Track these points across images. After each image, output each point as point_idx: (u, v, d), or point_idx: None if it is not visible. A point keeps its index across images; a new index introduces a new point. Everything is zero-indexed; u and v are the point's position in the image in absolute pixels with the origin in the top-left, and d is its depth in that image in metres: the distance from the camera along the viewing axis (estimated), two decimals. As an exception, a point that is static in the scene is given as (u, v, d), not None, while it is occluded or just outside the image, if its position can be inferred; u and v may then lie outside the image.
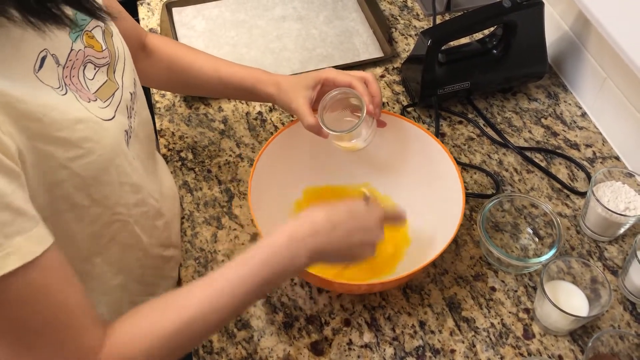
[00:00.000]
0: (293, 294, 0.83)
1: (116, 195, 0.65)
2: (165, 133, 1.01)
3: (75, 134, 0.57)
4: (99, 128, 0.60)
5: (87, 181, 0.60)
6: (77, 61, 0.61)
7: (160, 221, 0.76)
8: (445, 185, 0.82)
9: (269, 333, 0.79)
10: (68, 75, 0.59)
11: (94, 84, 0.63)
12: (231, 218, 0.90)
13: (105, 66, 0.65)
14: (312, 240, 0.64)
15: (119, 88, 0.66)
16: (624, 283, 0.82)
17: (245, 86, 0.85)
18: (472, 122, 1.03)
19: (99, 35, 0.65)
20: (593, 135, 1.01)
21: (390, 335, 0.79)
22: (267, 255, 0.62)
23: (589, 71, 1.02)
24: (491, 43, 1.03)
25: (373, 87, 0.80)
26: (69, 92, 0.58)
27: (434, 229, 0.81)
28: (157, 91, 1.08)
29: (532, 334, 0.79)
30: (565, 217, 0.91)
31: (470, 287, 0.84)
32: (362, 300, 0.82)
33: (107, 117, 0.62)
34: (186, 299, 0.59)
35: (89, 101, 0.60)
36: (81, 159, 0.58)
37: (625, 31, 0.80)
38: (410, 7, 1.24)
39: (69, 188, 0.59)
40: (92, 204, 0.63)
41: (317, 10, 1.22)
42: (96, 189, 0.62)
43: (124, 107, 0.67)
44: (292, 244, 0.63)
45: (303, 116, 0.79)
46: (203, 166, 0.97)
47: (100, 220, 0.65)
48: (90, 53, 0.63)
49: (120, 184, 0.65)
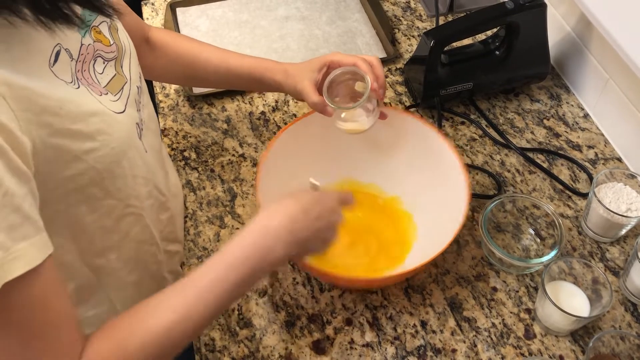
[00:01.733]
0: (295, 293, 0.83)
1: (129, 187, 0.66)
2: (168, 132, 1.02)
3: (90, 126, 0.57)
4: (112, 121, 0.60)
5: (101, 174, 0.60)
6: (87, 55, 0.62)
7: (165, 215, 0.76)
8: (451, 183, 0.82)
9: (271, 331, 0.79)
10: (80, 70, 0.60)
11: (104, 78, 0.63)
12: (234, 217, 0.91)
13: (114, 60, 0.66)
14: (287, 232, 0.64)
15: (127, 82, 0.67)
16: (625, 284, 0.82)
17: (254, 76, 0.86)
18: (475, 122, 1.03)
19: (105, 31, 0.66)
20: (595, 137, 1.02)
21: (391, 335, 0.79)
22: (243, 253, 0.62)
23: (592, 72, 1.03)
24: (494, 44, 1.04)
25: (377, 69, 0.80)
26: (82, 86, 0.59)
27: (440, 226, 0.81)
28: (160, 91, 1.09)
29: (533, 334, 0.79)
30: (567, 218, 0.91)
31: (471, 287, 0.84)
32: (363, 299, 0.82)
33: (119, 110, 0.63)
34: (161, 308, 0.59)
35: (101, 94, 0.61)
36: (96, 152, 0.59)
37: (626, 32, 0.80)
38: (413, 8, 1.24)
39: (83, 180, 0.59)
40: (106, 196, 0.63)
41: (320, 11, 1.23)
42: (110, 181, 0.62)
43: (133, 101, 0.67)
44: (267, 238, 0.63)
45: (308, 95, 0.80)
46: (206, 165, 0.97)
47: (114, 212, 0.66)
48: (100, 47, 0.64)
49: (133, 176, 0.66)
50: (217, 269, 0.61)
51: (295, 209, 0.66)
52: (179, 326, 0.59)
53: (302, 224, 0.65)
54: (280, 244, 0.64)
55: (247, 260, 0.62)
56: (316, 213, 0.67)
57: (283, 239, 0.64)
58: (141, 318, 0.59)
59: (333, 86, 0.80)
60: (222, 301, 0.61)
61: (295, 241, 0.65)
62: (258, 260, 0.63)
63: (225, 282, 0.61)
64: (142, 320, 0.58)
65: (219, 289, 0.60)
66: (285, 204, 0.66)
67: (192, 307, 0.59)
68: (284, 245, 0.64)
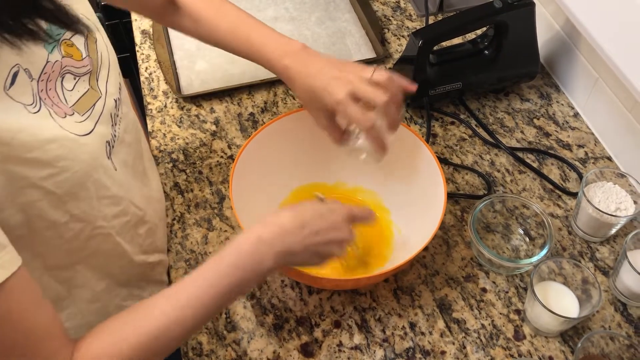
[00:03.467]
0: (283, 296, 0.82)
1: (95, 209, 0.64)
2: (156, 135, 1.01)
3: (48, 153, 0.55)
4: (73, 145, 0.58)
5: (62, 198, 0.59)
6: (53, 73, 0.59)
7: (143, 229, 0.75)
8: (429, 184, 0.82)
9: (258, 335, 0.79)
10: (44, 89, 0.57)
11: (74, 95, 0.61)
12: (222, 219, 0.90)
13: (87, 75, 0.63)
14: (279, 243, 0.63)
15: (102, 97, 0.64)
16: (615, 284, 0.82)
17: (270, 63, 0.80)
18: (464, 122, 1.03)
19: (80, 43, 0.63)
20: (585, 136, 1.01)
21: (380, 337, 0.79)
22: (234, 262, 0.62)
23: (581, 71, 1.02)
24: (483, 43, 1.03)
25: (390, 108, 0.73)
26: (43, 107, 0.56)
27: (420, 228, 0.80)
28: (148, 92, 1.08)
29: (523, 335, 0.79)
30: (556, 217, 0.91)
31: (461, 288, 0.83)
32: (352, 301, 0.82)
33: (83, 132, 0.60)
34: (151, 313, 0.59)
35: (65, 116, 0.58)
36: (55, 177, 0.57)
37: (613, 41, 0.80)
38: (403, 7, 1.24)
39: (43, 206, 0.58)
40: (70, 220, 0.62)
41: (310, 11, 1.22)
42: (74, 204, 0.61)
43: (108, 116, 0.65)
44: (259, 248, 0.62)
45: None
46: (194, 168, 0.97)
47: (81, 235, 0.65)
48: (69, 63, 0.61)
49: (98, 198, 0.64)
50: (208, 276, 0.61)
51: (291, 221, 0.65)
52: (170, 330, 0.58)
53: (295, 237, 0.65)
54: (271, 255, 0.63)
55: (238, 269, 0.62)
56: (316, 227, 0.66)
57: (274, 251, 0.63)
58: (133, 321, 0.59)
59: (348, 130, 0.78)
60: (211, 308, 0.61)
61: (286, 252, 0.64)
62: (248, 270, 0.62)
63: (215, 289, 0.61)
64: (134, 323, 0.58)
65: (208, 296, 0.60)
66: (282, 215, 0.66)
67: (183, 312, 0.59)
68: (274, 256, 0.63)
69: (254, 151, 0.83)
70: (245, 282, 0.63)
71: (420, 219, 0.81)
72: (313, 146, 0.87)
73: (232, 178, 0.78)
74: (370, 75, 0.73)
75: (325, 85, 0.73)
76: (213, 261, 0.62)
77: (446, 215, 0.91)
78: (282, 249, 0.64)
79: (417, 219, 0.83)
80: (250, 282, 0.64)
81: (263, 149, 0.84)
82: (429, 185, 0.81)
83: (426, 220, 0.78)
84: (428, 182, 0.82)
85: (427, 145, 0.82)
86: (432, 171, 0.81)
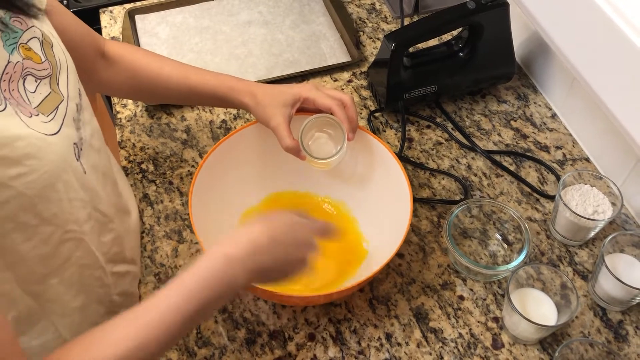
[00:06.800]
0: (256, 309, 0.80)
1: (66, 212, 0.62)
2: (126, 144, 0.99)
3: (16, 151, 0.54)
4: (42, 144, 0.57)
5: (32, 200, 0.57)
6: (15, 74, 0.58)
7: (108, 237, 0.73)
8: (395, 193, 0.80)
9: (230, 350, 0.76)
10: (7, 89, 0.57)
11: (36, 97, 0.60)
12: (192, 231, 0.88)
13: (48, 78, 0.63)
14: (251, 260, 0.60)
15: (64, 100, 0.64)
16: (594, 288, 0.80)
17: (218, 95, 0.83)
18: (440, 126, 1.01)
19: (36, 47, 0.62)
20: (563, 137, 1.00)
21: (355, 349, 0.77)
22: (202, 282, 0.58)
23: (558, 72, 1.01)
24: (458, 45, 1.02)
25: (350, 110, 0.79)
26: (9, 106, 0.55)
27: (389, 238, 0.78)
28: (118, 101, 1.05)
29: (501, 344, 0.77)
30: (535, 221, 0.89)
31: (438, 296, 0.81)
32: (327, 313, 0.80)
33: (51, 132, 0.59)
34: (114, 336, 0.55)
35: (31, 116, 0.58)
36: (25, 177, 0.55)
37: (573, 47, 0.79)
38: (378, 9, 1.22)
39: (13, 207, 0.56)
40: (41, 223, 0.60)
41: (284, 15, 1.20)
42: (44, 206, 0.59)
43: (71, 119, 0.64)
44: (230, 265, 0.59)
45: (282, 138, 0.78)
46: (164, 178, 0.94)
47: (51, 239, 0.62)
48: (30, 65, 0.60)
49: (69, 200, 0.62)
50: (174, 296, 0.57)
51: (262, 237, 0.62)
52: (134, 355, 0.55)
53: (265, 255, 0.62)
54: (241, 273, 0.60)
55: (205, 289, 0.58)
56: (285, 243, 0.64)
57: (245, 268, 0.60)
58: (94, 346, 0.55)
59: (307, 128, 0.81)
60: (177, 330, 0.57)
61: (257, 269, 0.61)
62: (218, 290, 0.59)
63: (181, 310, 0.57)
64: (95, 348, 0.55)
65: (174, 317, 0.56)
66: (251, 230, 0.63)
67: (147, 335, 0.55)
68: (245, 273, 0.60)
69: (219, 160, 0.81)
70: (214, 302, 0.59)
71: (389, 228, 0.79)
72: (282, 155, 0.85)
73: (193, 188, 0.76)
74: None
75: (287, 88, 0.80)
76: (180, 281, 0.58)
77: (422, 221, 0.89)
78: (254, 267, 0.61)
79: (385, 228, 0.81)
80: (220, 301, 0.61)
81: (230, 157, 0.82)
82: (395, 193, 0.80)
83: (394, 229, 0.76)
84: (395, 191, 0.80)
85: (393, 153, 0.81)
86: (398, 179, 0.79)
